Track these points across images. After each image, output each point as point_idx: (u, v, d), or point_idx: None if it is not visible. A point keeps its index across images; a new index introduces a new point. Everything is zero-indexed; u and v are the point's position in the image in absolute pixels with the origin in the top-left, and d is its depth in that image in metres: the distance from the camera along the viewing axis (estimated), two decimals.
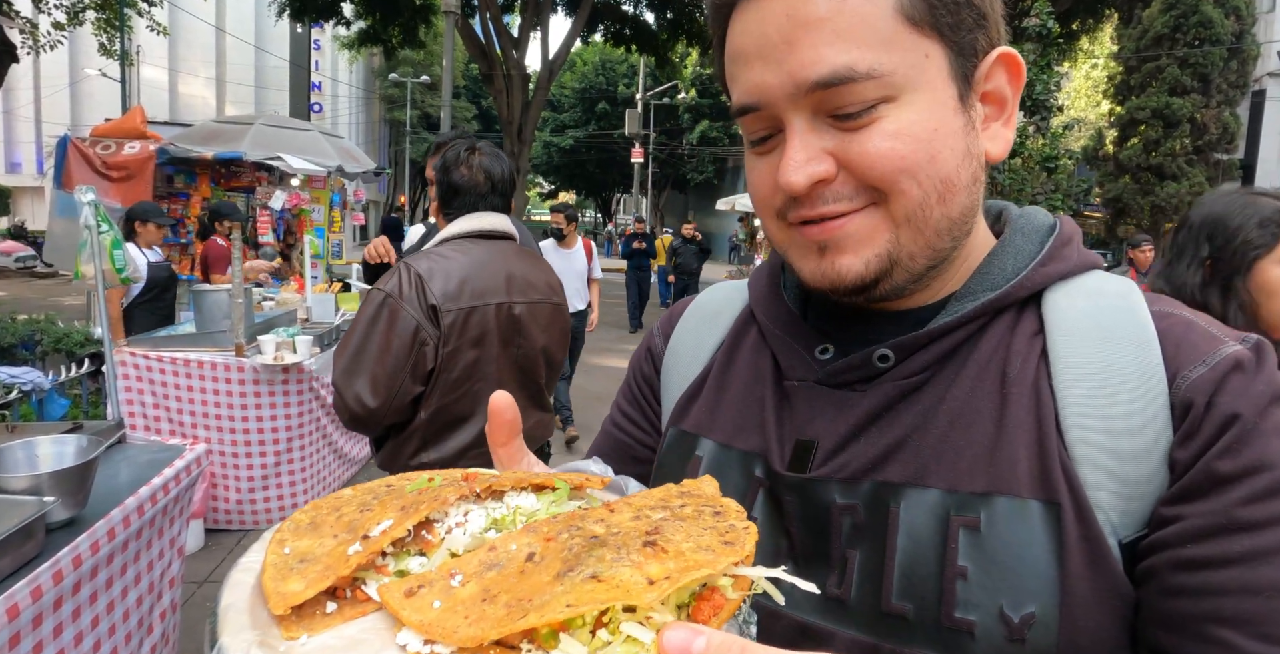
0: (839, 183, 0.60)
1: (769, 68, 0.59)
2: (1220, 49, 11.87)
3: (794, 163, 0.59)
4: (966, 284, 0.66)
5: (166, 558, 2.27)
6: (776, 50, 0.58)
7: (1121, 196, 12.68)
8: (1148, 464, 0.55)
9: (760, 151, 0.65)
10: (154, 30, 14.19)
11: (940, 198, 0.60)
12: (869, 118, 0.58)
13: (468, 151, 2.18)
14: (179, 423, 4.18)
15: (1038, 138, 11.06)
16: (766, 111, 0.61)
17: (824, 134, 0.60)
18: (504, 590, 0.40)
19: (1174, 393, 0.56)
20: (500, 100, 17.68)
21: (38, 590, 1.59)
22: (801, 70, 0.57)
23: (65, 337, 5.40)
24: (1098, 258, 0.69)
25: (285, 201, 8.38)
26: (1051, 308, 0.64)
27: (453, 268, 2.03)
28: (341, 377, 1.94)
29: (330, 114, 40.00)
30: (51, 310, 6.39)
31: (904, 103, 0.58)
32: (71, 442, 1.93)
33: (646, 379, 0.88)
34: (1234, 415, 0.53)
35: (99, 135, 7.69)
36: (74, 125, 27.83)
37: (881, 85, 0.57)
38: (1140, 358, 0.58)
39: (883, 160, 0.58)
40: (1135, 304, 0.62)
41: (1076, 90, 24.74)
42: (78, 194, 2.95)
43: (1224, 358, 0.56)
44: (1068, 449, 0.57)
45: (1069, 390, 0.59)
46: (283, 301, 5.77)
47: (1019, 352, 0.62)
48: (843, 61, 0.56)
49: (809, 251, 0.64)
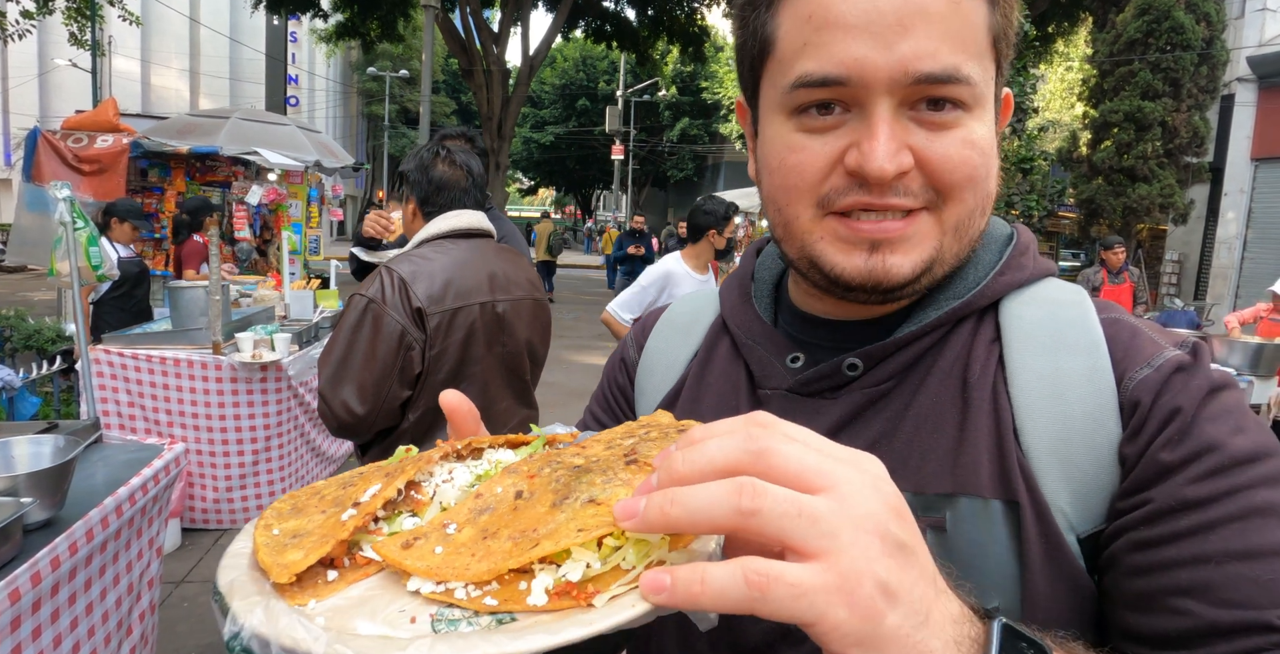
0: (911, 178, 0.60)
1: (877, 45, 0.57)
2: (1191, 54, 12.10)
3: (887, 150, 0.58)
4: (930, 292, 0.68)
5: (145, 559, 2.25)
6: (890, 30, 0.57)
7: (1094, 198, 12.87)
8: (1100, 461, 0.58)
9: (815, 128, 0.62)
10: (126, 20, 13.93)
11: (983, 211, 0.64)
12: (952, 121, 0.60)
13: (443, 149, 2.17)
14: (155, 421, 4.13)
15: (1014, 139, 11.19)
16: (851, 89, 0.59)
17: (907, 127, 0.60)
18: (503, 527, 0.42)
19: (1122, 393, 0.59)
20: (480, 96, 17.57)
21: (15, 593, 1.58)
22: (917, 60, 0.57)
23: (36, 333, 5.32)
24: (1052, 265, 0.73)
25: (262, 197, 8.28)
26: (1008, 316, 0.67)
27: (435, 269, 2.02)
28: (328, 385, 1.93)
29: (307, 108, 39.50)
30: (21, 306, 6.27)
31: (976, 115, 0.61)
32: (48, 442, 1.91)
33: (620, 388, 0.89)
34: (1176, 409, 0.57)
35: (70, 128, 7.56)
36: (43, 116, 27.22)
37: (971, 93, 0.59)
38: (1090, 363, 0.61)
39: (962, 165, 0.60)
40: (1085, 312, 0.65)
41: (1052, 92, 25.07)
42: (52, 190, 2.90)
43: (1167, 360, 0.60)
44: (1024, 450, 0.60)
45: (1024, 395, 0.61)
46: (260, 299, 5.70)
47: (979, 357, 0.65)
48: (953, 61, 0.57)
49: (855, 246, 0.63)
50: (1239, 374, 6.18)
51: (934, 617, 0.39)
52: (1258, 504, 0.53)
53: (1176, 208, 12.59)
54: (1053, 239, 19.25)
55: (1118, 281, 7.40)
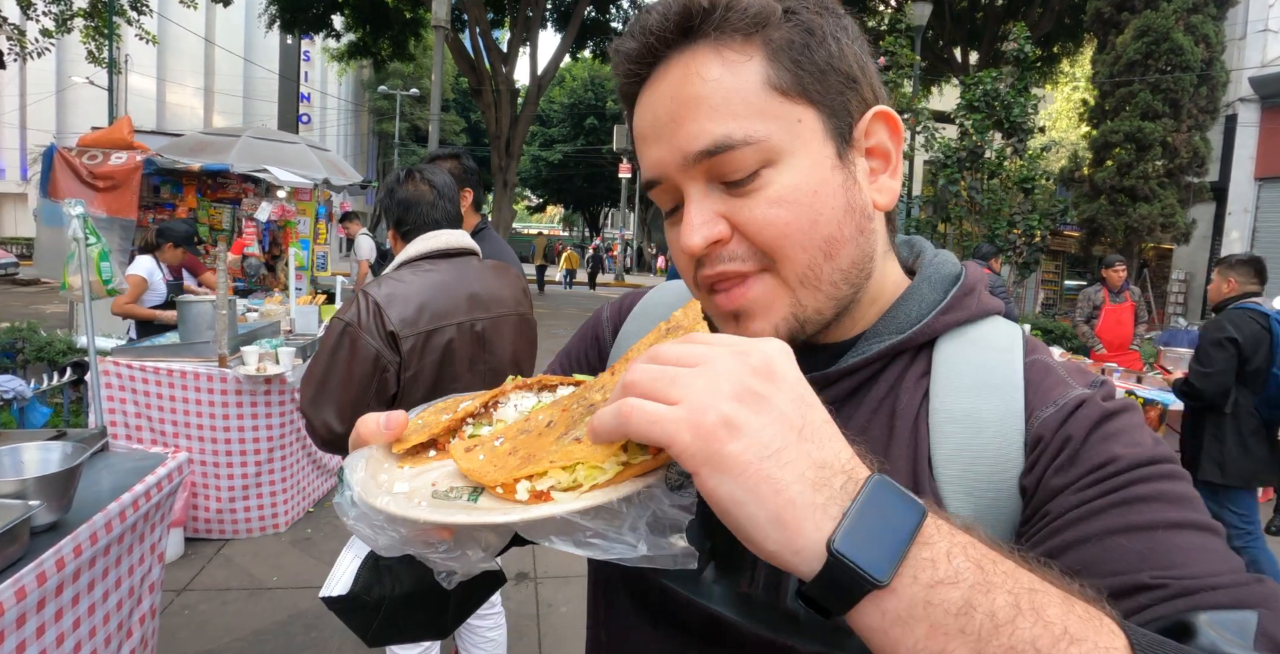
0: (734, 244, 0.66)
1: (662, 145, 0.66)
2: (1190, 75, 12.19)
3: (692, 226, 0.65)
4: (875, 326, 0.73)
5: (146, 563, 2.32)
6: (666, 128, 0.65)
7: (1096, 217, 12.91)
8: (1002, 493, 0.63)
9: (673, 222, 0.70)
10: (143, 39, 14.22)
11: (827, 256, 0.66)
12: (755, 184, 0.64)
13: (407, 171, 2.24)
14: (161, 432, 4.21)
15: (1015, 159, 11.26)
16: (667, 184, 0.67)
17: (717, 199, 0.65)
18: (523, 447, 0.56)
19: (1028, 431, 0.64)
20: (489, 114, 17.80)
21: (21, 591, 1.65)
22: (687, 143, 0.64)
23: (48, 345, 5.42)
24: (998, 304, 0.77)
25: (271, 213, 8.42)
26: (941, 354, 0.71)
27: (411, 292, 2.07)
28: (309, 405, 2.00)
29: (319, 125, 39.99)
30: (34, 318, 6.39)
31: (784, 166, 0.64)
32: (56, 448, 1.98)
33: (591, 366, 0.95)
34: (1067, 438, 0.62)
35: (86, 145, 7.71)
36: (60, 132, 27.69)
37: (760, 150, 0.63)
38: (1005, 405, 0.66)
39: (769, 227, 0.64)
40: (1014, 357, 0.70)
41: (1058, 112, 25.18)
42: (65, 207, 3.01)
43: (1070, 399, 0.65)
44: (936, 480, 0.65)
45: (940, 430, 0.66)
46: (267, 313, 5.81)
47: (907, 389, 0.70)
48: (720, 132, 0.62)
49: (725, 320, 0.70)
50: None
51: (787, 454, 0.45)
52: (1141, 494, 0.57)
53: (1178, 227, 12.62)
54: (1058, 258, 19.24)
55: (1119, 300, 7.39)
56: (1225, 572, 0.54)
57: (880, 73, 0.72)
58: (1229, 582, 0.53)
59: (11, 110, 30.67)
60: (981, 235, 10.98)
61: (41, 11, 12.87)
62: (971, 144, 11.12)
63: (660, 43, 0.65)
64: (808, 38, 0.65)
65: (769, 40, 0.64)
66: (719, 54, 0.64)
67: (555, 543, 0.51)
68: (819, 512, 0.44)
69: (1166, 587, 0.53)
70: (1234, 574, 0.54)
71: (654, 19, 0.65)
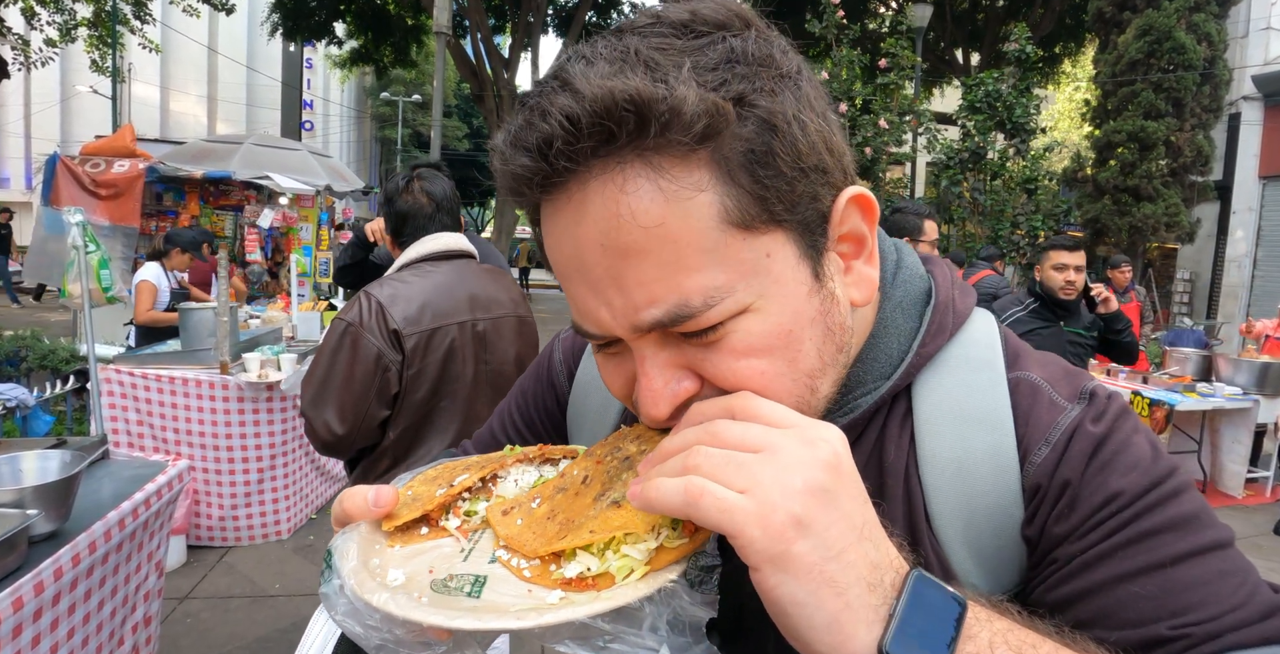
0: (705, 390, 0.56)
1: (600, 303, 0.54)
2: (1193, 74, 12.14)
3: (654, 390, 0.55)
4: (855, 372, 0.65)
5: (144, 572, 2.31)
6: (601, 283, 0.53)
7: (1100, 217, 12.85)
8: (1006, 545, 0.61)
9: (608, 354, 0.60)
10: (146, 48, 14.28)
11: (811, 389, 0.58)
12: (719, 333, 0.53)
13: (406, 180, 2.24)
14: (162, 440, 4.21)
15: (1018, 160, 11.24)
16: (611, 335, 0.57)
17: (677, 349, 0.55)
18: (561, 510, 0.53)
19: (1024, 477, 0.61)
20: (491, 120, 17.83)
21: (19, 602, 1.64)
22: (636, 313, 0.52)
23: (50, 353, 5.43)
24: (970, 302, 0.70)
25: (273, 220, 8.43)
26: (919, 388, 0.65)
27: (413, 292, 2.08)
28: (310, 405, 1.99)
29: (321, 132, 40.10)
30: (37, 327, 6.40)
31: (753, 310, 0.53)
32: (55, 457, 1.97)
33: (548, 413, 0.89)
34: (1065, 483, 0.59)
35: (89, 153, 7.74)
36: (64, 141, 27.78)
37: (725, 306, 0.52)
38: (994, 440, 0.62)
39: (745, 381, 0.54)
40: (997, 376, 0.65)
41: (1060, 112, 25.13)
42: (66, 215, 3.01)
43: (1061, 434, 0.61)
44: (935, 535, 0.62)
45: (933, 478, 0.63)
46: (269, 320, 5.81)
47: (892, 437, 0.65)
48: (675, 299, 0.51)
49: None
50: (1245, 393, 6.13)
51: (849, 556, 0.45)
52: (1146, 528, 0.56)
53: (1182, 227, 12.56)
54: None
55: (1124, 300, 7.37)
56: (1244, 603, 0.53)
57: (881, 75, 0.67)
58: (1252, 616, 0.53)
59: (16, 119, 30.81)
60: (985, 236, 10.97)
61: (46, 21, 12.93)
62: (974, 145, 11.12)
63: (567, 160, 0.49)
64: (769, 138, 0.51)
65: (722, 157, 0.50)
66: (655, 182, 0.49)
67: (571, 647, 0.47)
68: (871, 612, 0.45)
69: (1189, 636, 0.52)
70: (1253, 605, 0.53)
71: (554, 126, 0.48)
